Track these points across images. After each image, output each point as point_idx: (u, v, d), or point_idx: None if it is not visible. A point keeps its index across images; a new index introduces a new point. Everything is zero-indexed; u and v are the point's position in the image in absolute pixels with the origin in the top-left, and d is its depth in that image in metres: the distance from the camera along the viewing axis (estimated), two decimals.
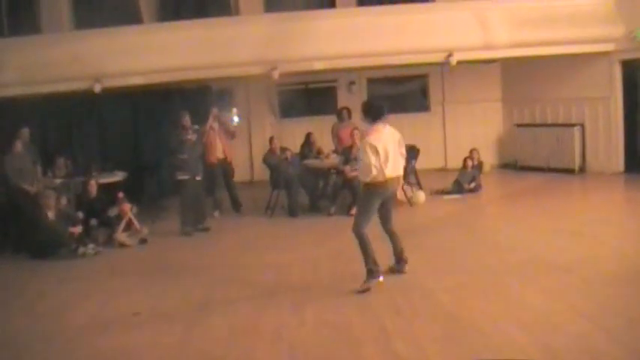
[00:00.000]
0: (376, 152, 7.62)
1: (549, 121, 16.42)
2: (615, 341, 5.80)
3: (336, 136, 14.12)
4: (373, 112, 7.89)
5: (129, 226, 11.28)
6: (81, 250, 10.55)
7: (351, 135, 13.00)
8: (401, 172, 8.16)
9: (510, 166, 17.12)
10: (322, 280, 8.40)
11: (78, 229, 10.82)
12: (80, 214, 11.28)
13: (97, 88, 13.21)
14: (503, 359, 5.37)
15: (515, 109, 17.43)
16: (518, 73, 17.08)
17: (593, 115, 15.39)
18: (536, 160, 16.33)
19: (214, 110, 13.04)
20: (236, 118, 18.07)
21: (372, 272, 7.82)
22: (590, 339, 5.89)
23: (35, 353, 6.47)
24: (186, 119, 11.72)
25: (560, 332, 6.11)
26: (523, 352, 5.50)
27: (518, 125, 17.05)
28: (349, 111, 14.28)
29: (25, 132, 11.99)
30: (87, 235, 10.96)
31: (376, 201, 7.99)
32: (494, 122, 17.82)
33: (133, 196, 12.14)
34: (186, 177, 11.57)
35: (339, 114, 14.30)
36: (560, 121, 16.11)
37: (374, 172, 7.63)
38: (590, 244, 9.31)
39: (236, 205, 13.42)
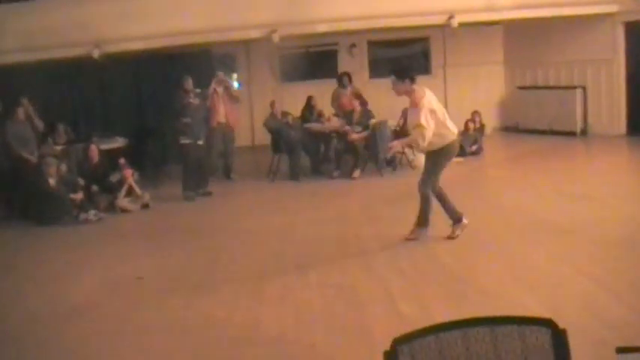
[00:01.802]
0: (435, 115, 7.53)
1: (551, 84, 16.32)
2: (619, 301, 5.81)
3: (336, 101, 14.05)
4: (411, 74, 7.75)
5: (130, 191, 11.26)
6: (82, 216, 10.54)
7: (352, 100, 12.97)
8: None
9: (512, 128, 17.06)
10: (326, 243, 8.39)
11: (79, 196, 10.79)
12: (81, 181, 11.24)
13: (96, 54, 13.11)
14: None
15: (518, 71, 17.33)
16: (520, 36, 16.94)
17: (596, 78, 15.29)
18: (538, 122, 16.25)
19: (219, 74, 12.94)
20: (237, 83, 18.02)
21: (457, 219, 7.98)
22: (594, 299, 5.91)
23: (40, 317, 6.48)
24: (189, 83, 11.65)
25: (564, 292, 6.12)
26: (528, 311, 5.48)
27: (521, 88, 16.97)
28: (350, 76, 14.19)
29: (26, 102, 11.90)
30: (89, 201, 10.93)
31: (447, 162, 7.93)
32: (496, 85, 17.73)
33: (135, 162, 12.11)
34: (188, 141, 11.52)
35: (339, 79, 14.22)
36: (563, 83, 16.01)
37: (430, 137, 7.49)
38: (594, 207, 9.28)
39: (227, 172, 13.31)
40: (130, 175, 11.30)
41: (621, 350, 2.50)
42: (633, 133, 14.87)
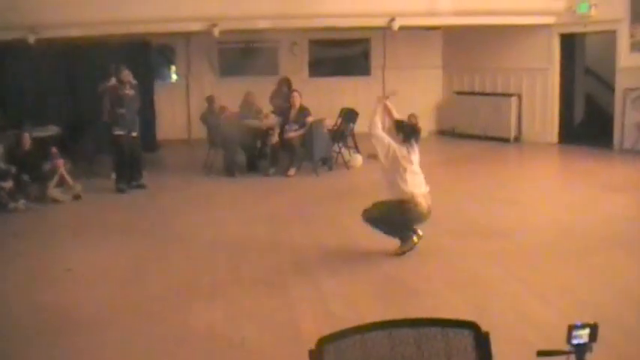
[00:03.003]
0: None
1: (488, 91, 16.58)
2: (548, 305, 5.96)
3: (274, 99, 14.06)
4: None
5: (62, 182, 11.03)
6: (12, 205, 10.27)
7: (291, 97, 12.94)
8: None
9: (448, 133, 17.27)
10: (258, 239, 8.37)
11: (9, 184, 10.52)
12: (12, 169, 10.96)
13: (32, 39, 12.79)
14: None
15: (455, 76, 17.54)
16: (459, 41, 17.17)
17: (531, 86, 15.60)
18: (473, 128, 16.49)
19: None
20: (175, 75, 17.85)
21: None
22: (521, 300, 6.07)
23: None
24: (125, 73, 11.44)
25: (493, 294, 6.25)
26: (457, 313, 5.54)
27: (458, 93, 17.19)
28: (289, 82, 14.18)
29: None
30: (18, 190, 10.66)
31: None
32: (433, 89, 17.90)
33: (67, 152, 11.87)
34: (122, 132, 11.34)
35: (279, 84, 14.23)
36: (499, 90, 16.29)
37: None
38: (525, 212, 9.51)
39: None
40: (61, 164, 11.05)
41: (542, 353, 2.55)
42: (564, 142, 15.24)
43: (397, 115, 7.98)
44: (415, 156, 7.54)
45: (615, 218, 9.01)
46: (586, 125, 15.90)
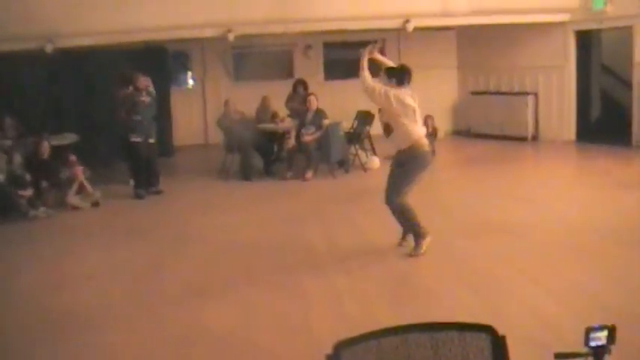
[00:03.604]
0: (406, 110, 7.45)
1: (503, 90, 16.54)
2: (560, 304, 5.94)
3: (290, 102, 14.07)
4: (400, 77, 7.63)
5: (81, 189, 11.12)
6: (32, 213, 10.37)
7: (306, 100, 12.96)
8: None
9: (464, 133, 17.25)
10: (274, 241, 8.43)
11: (28, 192, 10.62)
12: (29, 176, 11.04)
13: (49, 48, 12.91)
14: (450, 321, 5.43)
15: (471, 76, 17.52)
16: (474, 41, 17.14)
17: (547, 84, 15.55)
18: (490, 127, 16.45)
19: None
20: (191, 81, 17.94)
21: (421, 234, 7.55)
22: (536, 301, 6.05)
23: None
24: (141, 80, 11.51)
25: (508, 294, 6.25)
26: (472, 314, 5.58)
27: (473, 93, 17.16)
28: (305, 84, 14.21)
29: None
30: (38, 197, 10.76)
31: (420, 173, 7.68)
32: (449, 89, 17.91)
33: (85, 159, 11.96)
34: (139, 139, 11.42)
35: (294, 87, 14.25)
36: (515, 89, 16.25)
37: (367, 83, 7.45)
38: (540, 211, 9.47)
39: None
40: (80, 172, 11.16)
41: (559, 356, 2.55)
42: (582, 139, 15.18)
43: (389, 63, 7.85)
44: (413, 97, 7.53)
45: (632, 216, 8.95)
46: (603, 122, 15.82)
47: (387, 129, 7.62)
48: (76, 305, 6.50)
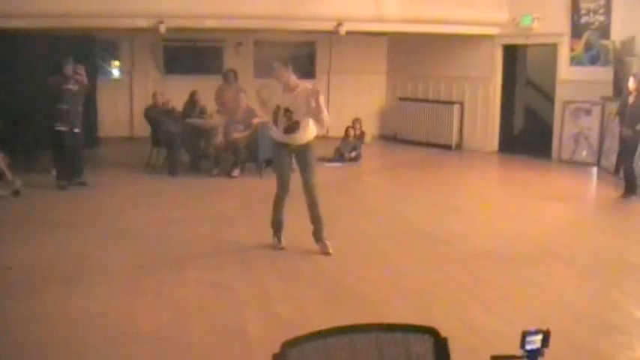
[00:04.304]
0: None
1: (431, 98, 16.83)
2: (488, 311, 6.05)
3: (220, 97, 13.92)
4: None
5: (0, 176, 10.78)
6: None
7: (237, 97, 12.89)
8: None
9: (391, 138, 17.45)
10: (202, 241, 8.32)
11: None
12: None
13: None
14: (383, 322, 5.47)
15: (400, 83, 17.75)
16: (404, 48, 17.39)
17: (473, 95, 15.90)
18: (416, 134, 16.71)
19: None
20: (117, 71, 17.63)
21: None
22: (463, 307, 6.14)
23: None
24: (69, 68, 11.19)
25: (435, 300, 6.33)
26: (402, 318, 5.63)
27: (401, 99, 17.37)
28: (235, 73, 14.12)
29: None
30: None
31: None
32: (377, 94, 18.11)
33: (6, 146, 11.60)
34: (64, 128, 11.13)
35: (225, 75, 14.11)
36: (442, 98, 16.56)
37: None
38: (465, 219, 9.66)
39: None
40: (0, 159, 10.82)
41: (495, 358, 2.61)
42: (504, 151, 15.58)
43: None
44: None
45: (553, 228, 9.25)
46: (526, 135, 16.27)
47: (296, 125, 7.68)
48: None
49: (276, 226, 7.95)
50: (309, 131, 7.73)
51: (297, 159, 7.82)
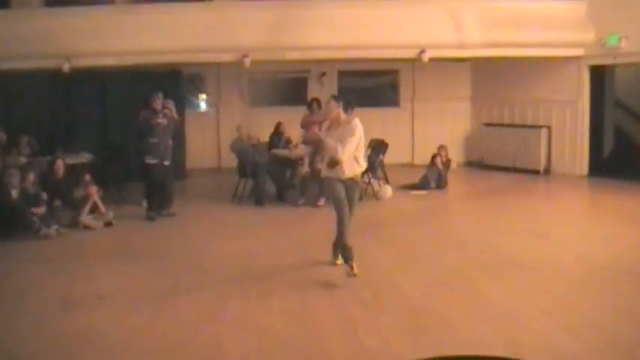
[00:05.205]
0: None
1: (517, 122, 16.59)
2: (576, 339, 5.90)
3: (305, 127, 14.05)
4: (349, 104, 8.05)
5: (94, 209, 11.15)
6: (44, 230, 10.36)
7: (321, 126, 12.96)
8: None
9: (476, 164, 17.26)
10: (288, 270, 8.38)
11: (41, 210, 10.65)
12: (44, 195, 11.08)
13: (66, 68, 13.03)
14: (469, 354, 5.40)
15: (484, 108, 17.57)
16: (488, 73, 17.22)
17: (560, 118, 15.59)
18: (502, 159, 16.47)
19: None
20: (204, 104, 18.03)
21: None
22: (552, 336, 6.01)
23: None
24: (158, 102, 11.51)
25: (524, 329, 6.21)
26: (489, 348, 5.56)
27: (487, 124, 17.18)
28: (319, 102, 14.23)
29: None
30: (51, 215, 10.78)
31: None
32: (462, 120, 17.95)
33: (99, 179, 11.99)
34: (154, 161, 11.44)
35: (309, 105, 14.25)
36: (528, 122, 16.30)
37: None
38: (553, 245, 9.46)
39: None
40: (94, 192, 11.19)
41: None
42: (594, 174, 15.19)
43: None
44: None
45: None
46: (616, 157, 15.82)
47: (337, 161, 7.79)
48: (88, 328, 6.47)
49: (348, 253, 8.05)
50: (355, 167, 7.97)
51: (346, 191, 7.98)
